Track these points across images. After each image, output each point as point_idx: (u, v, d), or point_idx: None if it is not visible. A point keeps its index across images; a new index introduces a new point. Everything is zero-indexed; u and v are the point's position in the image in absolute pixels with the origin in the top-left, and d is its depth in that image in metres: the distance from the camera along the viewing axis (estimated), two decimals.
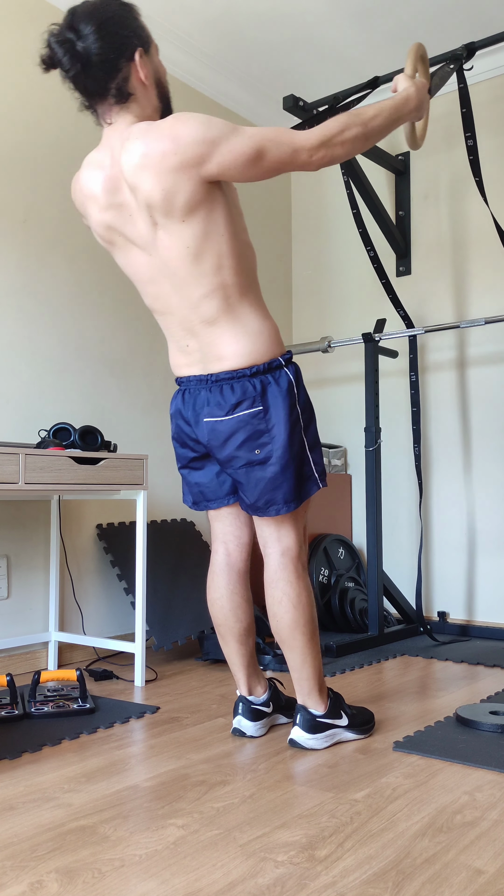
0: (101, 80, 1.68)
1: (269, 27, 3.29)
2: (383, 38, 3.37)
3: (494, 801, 1.54)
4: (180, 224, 1.69)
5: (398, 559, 3.71)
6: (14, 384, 2.76)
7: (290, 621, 1.84)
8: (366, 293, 3.89)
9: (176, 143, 1.63)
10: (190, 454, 1.93)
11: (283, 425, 1.78)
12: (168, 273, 1.75)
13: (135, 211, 1.72)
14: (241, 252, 1.77)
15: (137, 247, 1.77)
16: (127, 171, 1.68)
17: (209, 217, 1.69)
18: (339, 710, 1.91)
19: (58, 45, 1.65)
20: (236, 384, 1.77)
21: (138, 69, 1.71)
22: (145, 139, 1.65)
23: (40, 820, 1.48)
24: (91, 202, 1.77)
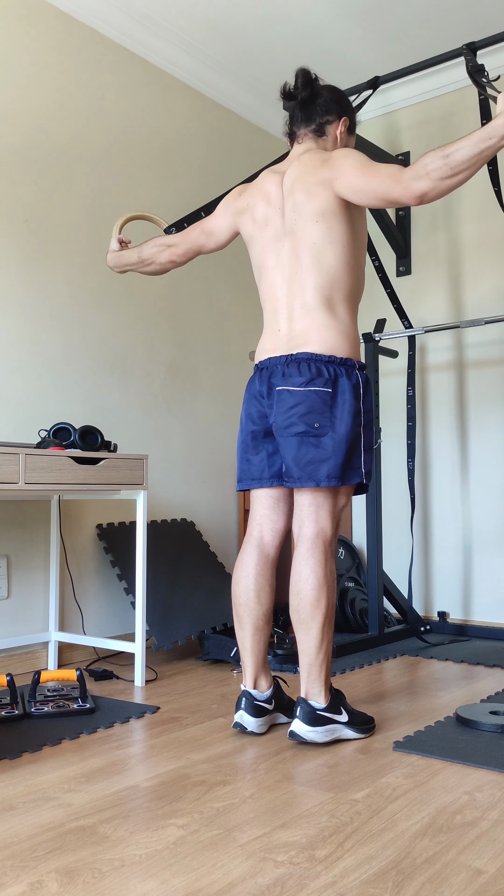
0: (315, 112, 2.11)
1: (269, 27, 3.29)
2: (383, 38, 3.37)
3: (494, 801, 1.54)
4: (312, 223, 1.99)
5: (398, 559, 3.71)
6: (14, 384, 2.76)
7: (313, 599, 1.89)
8: (366, 293, 3.89)
9: (324, 164, 2.00)
10: (251, 426, 2.07)
11: (346, 412, 1.94)
12: (293, 260, 2.02)
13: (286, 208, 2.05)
14: (354, 267, 2.03)
15: (278, 236, 2.06)
16: (289, 178, 2.05)
17: (333, 225, 1.99)
18: (340, 706, 1.91)
19: (303, 75, 2.10)
20: (313, 364, 1.95)
21: (339, 126, 2.14)
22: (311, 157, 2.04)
23: (40, 820, 1.48)
24: (263, 197, 2.10)
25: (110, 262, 2.40)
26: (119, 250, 2.40)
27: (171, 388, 3.39)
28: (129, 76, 3.28)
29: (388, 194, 1.87)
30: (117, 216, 3.16)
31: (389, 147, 3.83)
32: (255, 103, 3.82)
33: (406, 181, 1.82)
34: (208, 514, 3.54)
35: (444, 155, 1.77)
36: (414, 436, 3.28)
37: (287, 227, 2.05)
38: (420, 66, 2.87)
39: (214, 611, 2.99)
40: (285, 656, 2.73)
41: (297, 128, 2.15)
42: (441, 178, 1.77)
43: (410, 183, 1.81)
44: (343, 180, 1.95)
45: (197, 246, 2.27)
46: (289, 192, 2.05)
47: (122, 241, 2.42)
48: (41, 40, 2.93)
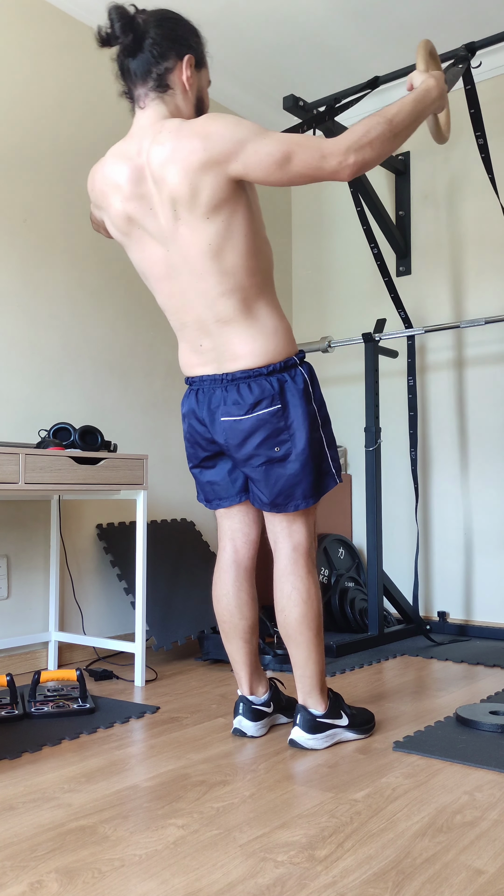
0: (146, 61, 1.73)
1: (269, 27, 3.28)
2: (383, 38, 3.37)
3: (494, 801, 1.54)
4: (204, 220, 1.69)
5: (398, 559, 3.71)
6: (14, 384, 2.76)
7: (298, 616, 1.85)
8: (366, 293, 3.89)
9: (205, 141, 1.64)
10: (202, 453, 1.93)
11: (302, 423, 1.80)
12: (187, 269, 1.75)
13: (157, 204, 1.72)
14: (260, 251, 1.78)
15: (156, 240, 1.77)
16: (155, 164, 1.69)
17: (232, 216, 1.70)
18: (340, 710, 1.91)
19: (116, 13, 1.69)
20: (254, 383, 1.78)
21: (183, 69, 1.76)
22: (177, 134, 1.67)
23: (40, 820, 1.48)
24: (114, 191, 1.76)
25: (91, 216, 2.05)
26: None
27: (171, 388, 3.39)
28: None
29: (318, 171, 1.65)
30: None
31: None
32: (255, 103, 3.82)
33: (343, 153, 1.64)
34: (208, 514, 3.54)
35: (387, 119, 1.68)
36: (415, 426, 3.28)
37: (166, 229, 1.73)
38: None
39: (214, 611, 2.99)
40: (285, 656, 2.72)
41: (131, 84, 1.77)
42: (384, 144, 1.67)
43: (350, 155, 1.64)
44: (249, 158, 1.65)
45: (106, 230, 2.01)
46: (159, 181, 1.69)
47: None
48: (41, 40, 2.93)
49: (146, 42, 1.72)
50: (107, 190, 1.78)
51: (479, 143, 2.85)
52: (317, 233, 4.08)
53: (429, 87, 1.81)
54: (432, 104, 1.81)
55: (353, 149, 1.65)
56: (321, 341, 3.36)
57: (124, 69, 1.77)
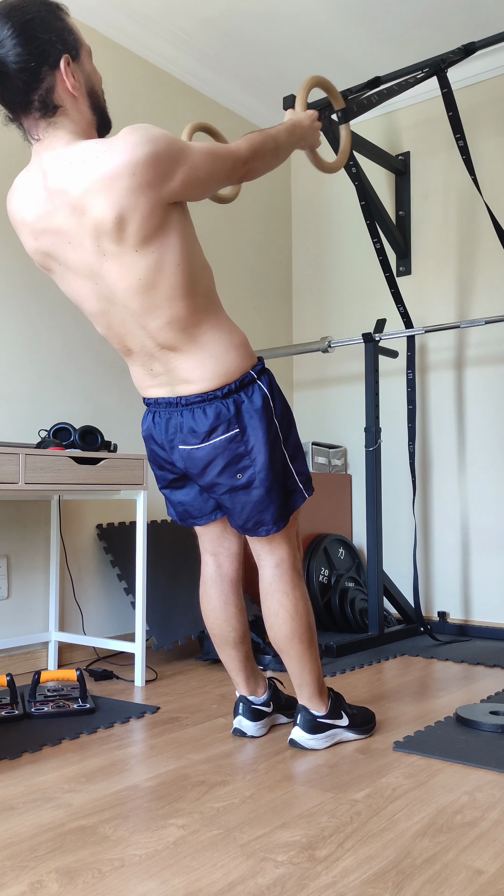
0: (21, 91, 1.50)
1: (269, 27, 3.28)
2: (383, 38, 3.37)
3: (494, 801, 1.54)
4: (133, 254, 1.55)
5: (398, 559, 3.71)
6: (14, 384, 2.76)
7: (287, 632, 1.83)
8: (366, 293, 3.89)
9: (133, 163, 1.48)
10: (169, 476, 1.85)
11: (263, 444, 1.70)
12: (118, 304, 1.64)
13: (76, 237, 1.56)
14: (196, 278, 1.64)
15: (80, 275, 1.62)
16: (74, 194, 1.52)
17: (164, 245, 1.57)
18: (340, 710, 1.91)
19: None
20: (208, 407, 1.68)
21: (65, 78, 1.53)
22: (96, 159, 1.49)
23: (40, 820, 1.48)
24: (23, 228, 1.62)
25: None
26: None
27: None
28: (129, 76, 3.27)
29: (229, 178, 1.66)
30: None
31: (389, 147, 3.83)
32: (255, 103, 3.82)
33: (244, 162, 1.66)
34: None
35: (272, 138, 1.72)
36: (414, 419, 3.28)
37: (89, 263, 1.59)
38: (420, 66, 2.88)
39: None
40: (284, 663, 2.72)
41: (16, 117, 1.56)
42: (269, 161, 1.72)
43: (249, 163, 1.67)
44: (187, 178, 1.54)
45: None
46: (79, 212, 1.53)
47: None
48: None
49: (10, 71, 1.48)
50: (17, 226, 1.63)
51: (460, 144, 2.97)
52: (317, 233, 4.08)
53: (296, 121, 1.81)
54: (300, 140, 1.81)
55: (255, 158, 1.68)
56: (321, 341, 3.36)
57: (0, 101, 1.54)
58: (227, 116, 3.77)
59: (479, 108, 3.55)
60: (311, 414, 4.04)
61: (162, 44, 3.32)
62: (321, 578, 3.38)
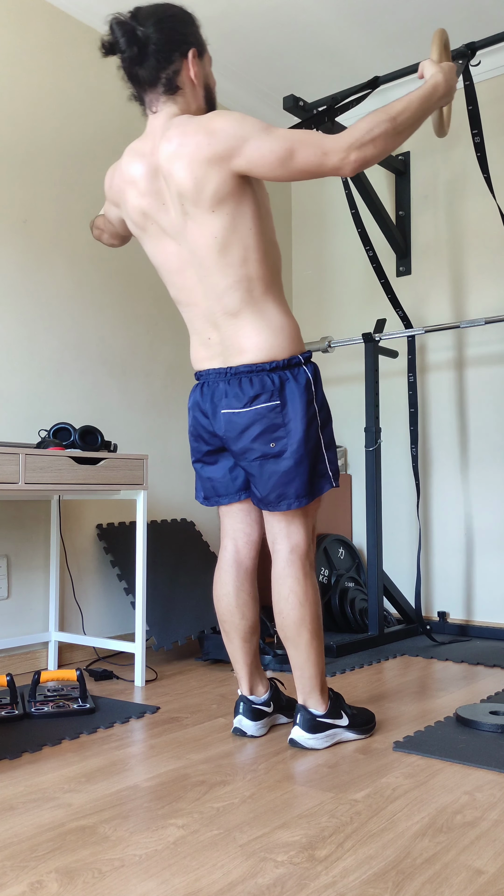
0: (153, 68, 1.77)
1: (269, 27, 3.29)
2: (383, 38, 3.37)
3: (494, 801, 1.54)
4: (209, 214, 1.73)
5: (398, 559, 3.71)
6: (14, 384, 2.76)
7: (296, 618, 1.85)
8: (366, 293, 3.89)
9: (209, 136, 1.69)
10: (204, 447, 1.95)
11: (300, 421, 1.81)
12: (195, 262, 1.80)
13: (168, 199, 1.78)
14: (267, 249, 1.80)
15: (168, 235, 1.82)
16: (163, 160, 1.75)
17: (237, 210, 1.74)
18: (340, 710, 1.91)
19: (118, 28, 1.75)
20: (255, 377, 1.81)
21: (189, 66, 1.80)
22: (183, 130, 1.73)
23: (40, 820, 1.48)
24: (131, 187, 1.83)
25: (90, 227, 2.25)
26: None
27: (171, 388, 3.39)
28: None
29: (319, 167, 1.68)
30: None
31: None
32: (255, 103, 3.82)
33: (345, 150, 1.66)
34: (208, 514, 3.54)
35: (391, 118, 1.69)
36: (416, 422, 3.28)
37: (177, 224, 1.79)
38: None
39: (214, 611, 2.99)
40: (285, 656, 2.72)
41: (140, 91, 1.82)
42: (387, 141, 1.68)
43: (352, 152, 1.66)
44: (252, 154, 1.68)
45: (112, 232, 2.07)
46: (167, 177, 1.75)
47: None
48: (40, 39, 2.93)
49: (150, 49, 1.76)
50: (124, 186, 1.85)
51: (476, 141, 2.84)
52: (317, 233, 4.08)
53: (437, 82, 1.78)
54: (439, 101, 1.79)
55: (355, 146, 1.67)
56: (321, 341, 3.36)
57: (132, 76, 1.81)
58: None
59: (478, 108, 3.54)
60: None
61: None
62: (321, 578, 3.38)
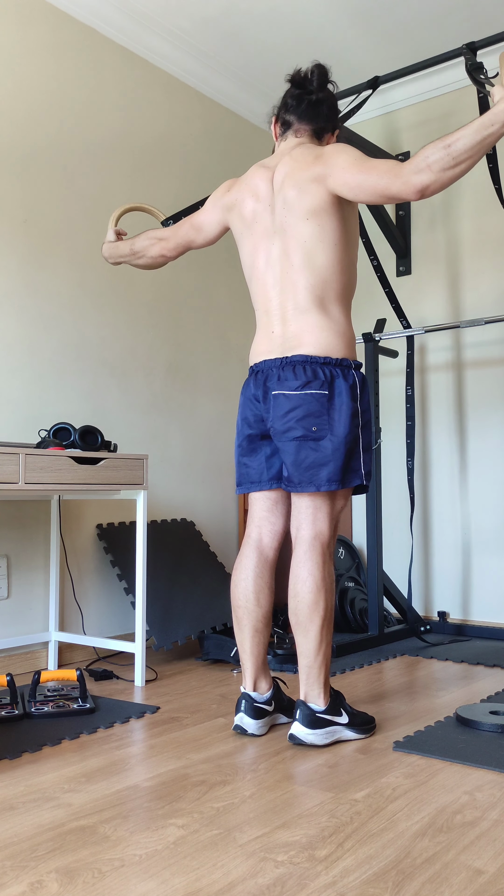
0: (319, 115, 2.10)
1: (268, 27, 3.28)
2: (383, 38, 3.37)
3: (494, 801, 1.54)
4: (303, 221, 1.96)
5: (398, 559, 3.71)
6: (14, 384, 2.76)
7: (311, 602, 1.89)
8: (366, 293, 3.89)
9: (316, 159, 1.97)
10: (247, 430, 2.06)
11: (344, 414, 1.93)
12: (283, 260, 1.99)
13: (275, 204, 2.03)
14: (346, 264, 2.01)
15: (267, 234, 2.04)
16: (280, 173, 2.02)
17: (325, 223, 1.96)
18: (340, 707, 1.91)
19: (320, 73, 2.09)
20: (308, 367, 1.94)
21: (333, 138, 2.16)
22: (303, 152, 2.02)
23: (40, 820, 1.48)
24: (251, 192, 2.07)
25: (105, 252, 2.40)
26: (115, 241, 2.39)
27: (171, 388, 3.39)
28: (129, 76, 3.28)
29: (387, 190, 1.84)
30: None
31: (389, 147, 3.83)
32: (255, 103, 3.82)
33: (406, 175, 1.79)
34: (208, 514, 3.54)
35: (445, 145, 1.74)
36: (413, 435, 3.28)
37: (277, 225, 2.02)
38: (420, 66, 2.87)
39: (214, 611, 2.99)
40: (285, 656, 2.72)
41: (297, 120, 2.11)
42: (443, 168, 1.75)
43: (411, 177, 1.78)
44: (338, 177, 1.92)
45: (187, 241, 2.24)
46: (279, 188, 2.02)
47: (119, 232, 2.42)
48: (41, 40, 2.93)
49: (325, 104, 2.10)
50: (245, 191, 2.09)
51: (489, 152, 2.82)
52: None
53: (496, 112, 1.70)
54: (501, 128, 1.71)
55: (413, 172, 1.80)
56: None
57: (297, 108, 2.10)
58: (227, 116, 3.77)
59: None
60: None
61: (162, 44, 3.32)
62: None
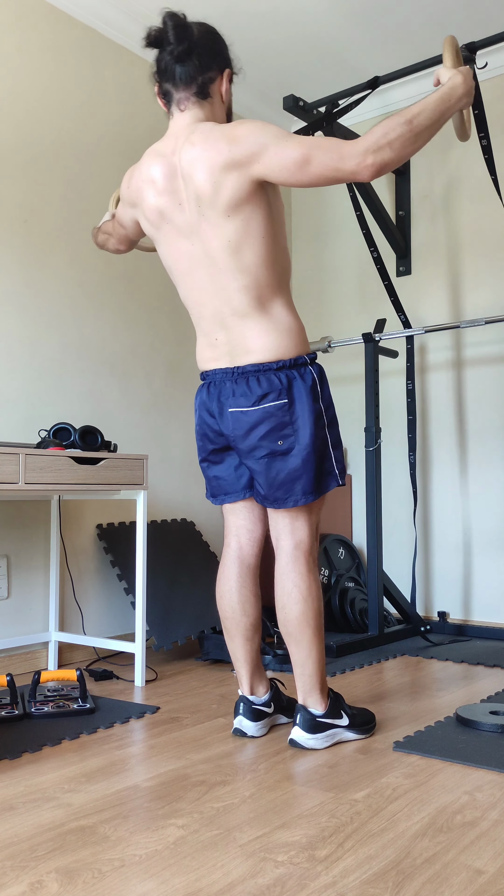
0: (195, 68, 1.83)
1: (269, 27, 3.29)
2: (383, 38, 3.37)
3: (494, 801, 1.54)
4: (224, 218, 1.78)
5: (398, 559, 3.71)
6: (14, 384, 2.76)
7: (298, 613, 1.86)
8: (365, 293, 3.89)
9: (231, 143, 1.74)
10: (210, 446, 1.97)
11: (308, 419, 1.83)
12: (207, 263, 1.83)
13: (185, 200, 1.82)
14: (278, 255, 1.84)
15: (182, 235, 1.85)
16: (185, 163, 1.79)
17: (251, 216, 1.78)
18: (340, 709, 1.91)
19: (171, 20, 1.80)
20: (262, 377, 1.83)
21: (223, 81, 1.89)
22: (207, 136, 1.77)
23: (40, 820, 1.48)
24: (149, 186, 1.86)
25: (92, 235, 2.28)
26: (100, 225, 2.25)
27: (171, 388, 3.39)
28: (129, 76, 3.28)
29: (338, 172, 1.69)
30: None
31: None
32: (255, 103, 3.82)
33: (361, 154, 1.66)
34: (208, 514, 3.54)
35: (406, 120, 1.67)
36: (414, 429, 3.28)
37: (191, 224, 1.82)
38: (420, 66, 2.87)
39: (214, 611, 2.99)
40: (285, 656, 2.72)
41: (173, 88, 1.85)
42: (404, 145, 1.67)
43: (368, 156, 1.66)
44: (271, 159, 1.71)
45: (121, 236, 2.09)
46: (187, 178, 1.79)
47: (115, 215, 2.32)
48: (40, 40, 2.93)
49: (195, 51, 1.82)
50: (142, 185, 1.88)
51: (483, 143, 2.82)
52: (317, 233, 4.08)
53: (455, 84, 1.76)
54: (457, 103, 1.77)
55: (372, 150, 1.67)
56: (321, 341, 3.36)
57: (168, 71, 1.85)
58: None
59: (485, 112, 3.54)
60: None
61: None
62: (321, 578, 3.38)
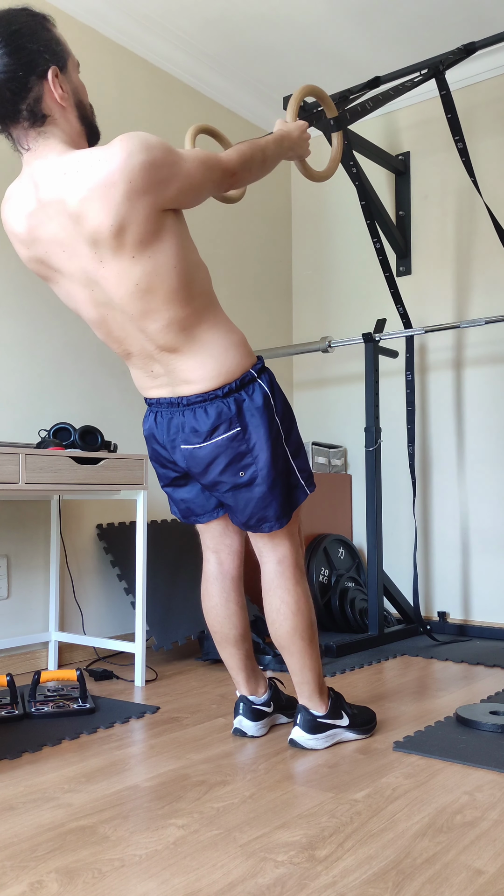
0: (9, 101, 1.51)
1: (269, 27, 3.29)
2: (383, 38, 3.37)
3: (494, 801, 1.54)
4: (130, 260, 1.56)
5: (398, 559, 3.71)
6: (14, 384, 2.76)
7: (289, 628, 1.84)
8: (365, 293, 3.89)
9: (129, 170, 1.48)
10: (171, 474, 1.86)
11: (265, 442, 1.71)
12: (116, 309, 1.64)
13: (70, 245, 1.57)
14: (193, 279, 1.65)
15: (76, 282, 1.64)
16: (70, 204, 1.52)
17: (160, 250, 1.57)
18: (340, 710, 1.91)
19: None
20: (209, 407, 1.69)
21: (52, 89, 1.54)
22: (91, 167, 1.50)
23: (40, 820, 1.48)
24: (15, 238, 1.64)
25: None
26: None
27: None
28: (129, 76, 3.28)
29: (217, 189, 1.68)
30: None
31: (389, 147, 3.83)
32: (254, 103, 3.82)
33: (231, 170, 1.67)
34: None
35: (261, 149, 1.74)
36: (413, 420, 3.28)
37: (87, 271, 1.59)
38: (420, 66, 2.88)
39: None
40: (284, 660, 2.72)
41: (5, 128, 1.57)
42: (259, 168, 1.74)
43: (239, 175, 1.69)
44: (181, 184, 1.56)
45: None
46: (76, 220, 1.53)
47: None
48: None
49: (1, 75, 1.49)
50: (10, 236, 1.66)
51: (459, 147, 2.97)
52: (317, 232, 4.08)
53: (285, 133, 1.83)
54: (289, 150, 1.84)
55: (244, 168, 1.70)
56: (321, 341, 3.36)
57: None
58: (227, 117, 3.77)
59: (478, 109, 3.55)
60: (311, 414, 4.04)
61: (163, 45, 3.32)
62: (321, 578, 3.38)
